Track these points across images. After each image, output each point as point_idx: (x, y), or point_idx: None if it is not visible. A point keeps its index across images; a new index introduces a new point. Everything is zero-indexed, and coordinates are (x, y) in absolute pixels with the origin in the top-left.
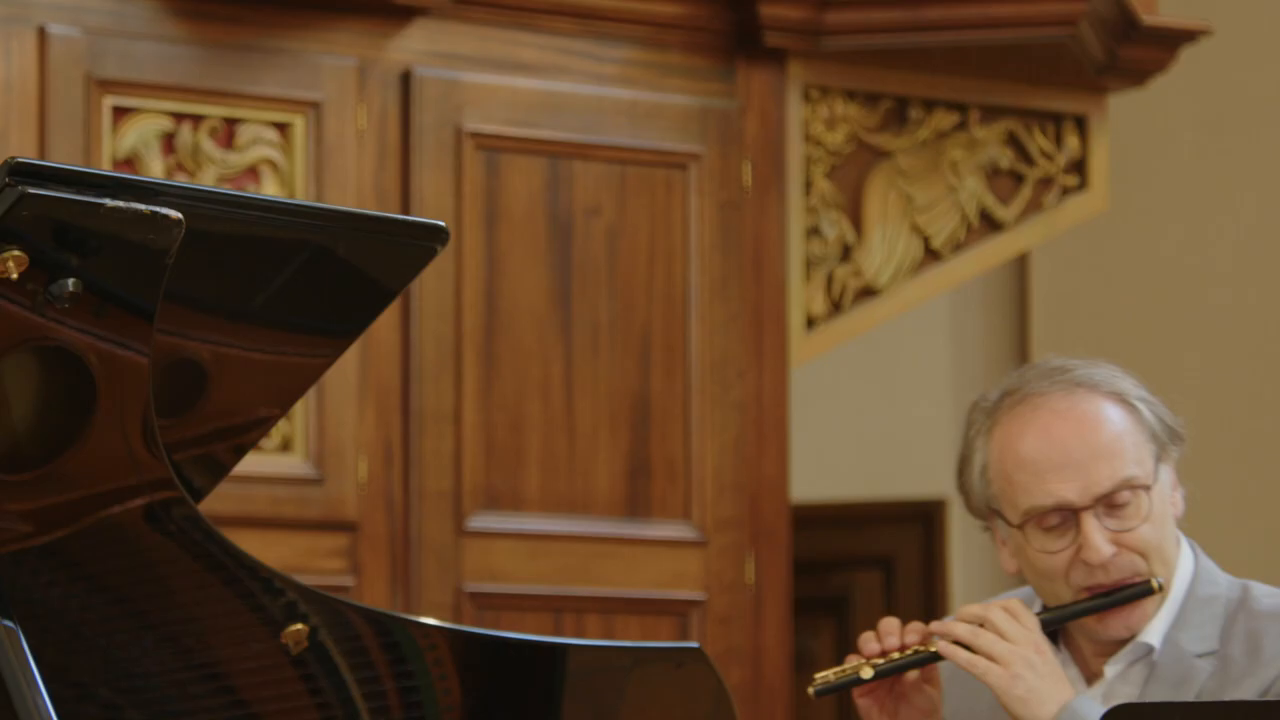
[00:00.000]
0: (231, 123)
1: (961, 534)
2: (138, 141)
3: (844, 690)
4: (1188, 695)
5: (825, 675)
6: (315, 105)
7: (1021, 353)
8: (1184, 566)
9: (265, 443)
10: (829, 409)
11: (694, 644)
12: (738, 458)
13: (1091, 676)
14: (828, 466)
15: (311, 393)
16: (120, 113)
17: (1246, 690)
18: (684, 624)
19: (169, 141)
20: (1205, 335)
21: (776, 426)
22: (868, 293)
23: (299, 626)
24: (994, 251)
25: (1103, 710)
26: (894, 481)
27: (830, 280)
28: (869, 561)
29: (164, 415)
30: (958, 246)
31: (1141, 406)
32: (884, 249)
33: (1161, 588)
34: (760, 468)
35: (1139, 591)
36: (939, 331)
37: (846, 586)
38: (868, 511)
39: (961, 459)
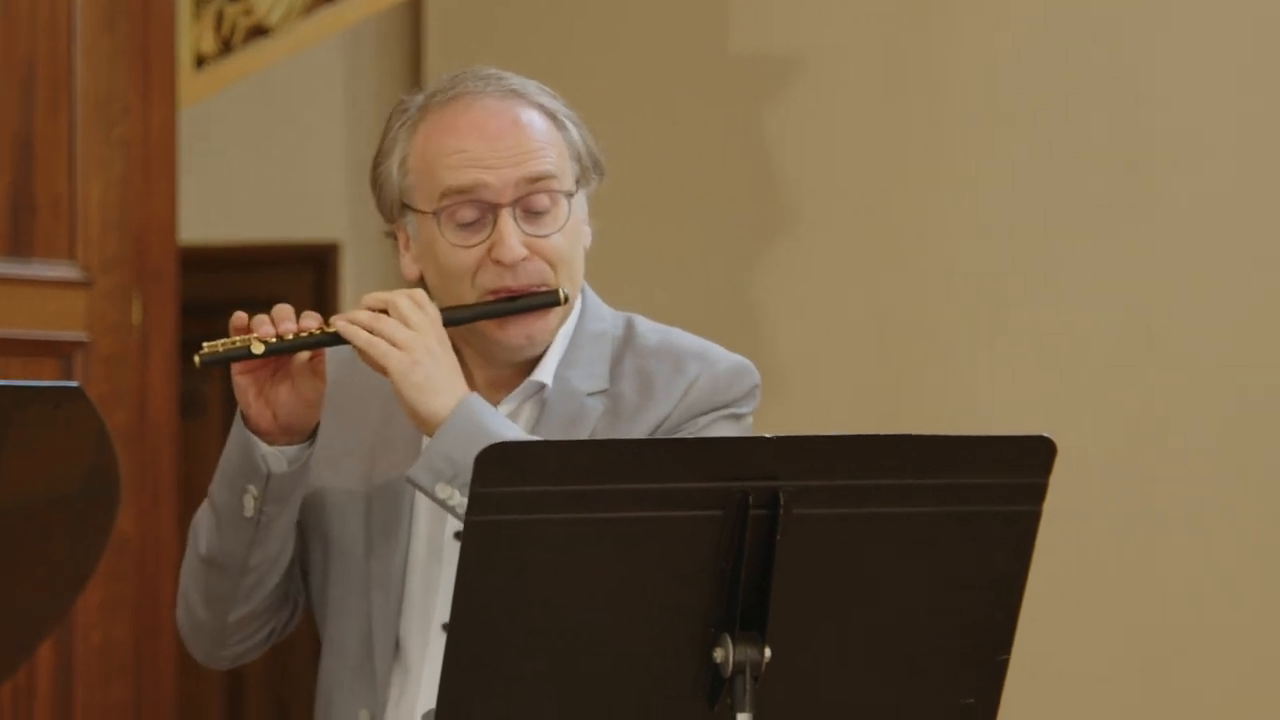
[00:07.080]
0: None
1: (354, 278)
2: None
3: (230, 362)
4: (582, 433)
5: (214, 345)
6: None
7: None
8: (574, 304)
9: None
10: (221, 151)
11: (74, 383)
12: (124, 197)
13: None
14: (219, 209)
15: None
16: None
17: (639, 427)
18: (68, 365)
19: None
20: (616, 64)
21: (164, 166)
22: (259, 32)
23: None
24: None
25: (494, 409)
26: (286, 224)
27: (221, 18)
28: (260, 304)
29: None
30: None
31: (570, 125)
32: None
33: (568, 299)
34: (148, 208)
35: (545, 300)
36: (332, 74)
37: None
38: (260, 254)
39: (378, 158)
